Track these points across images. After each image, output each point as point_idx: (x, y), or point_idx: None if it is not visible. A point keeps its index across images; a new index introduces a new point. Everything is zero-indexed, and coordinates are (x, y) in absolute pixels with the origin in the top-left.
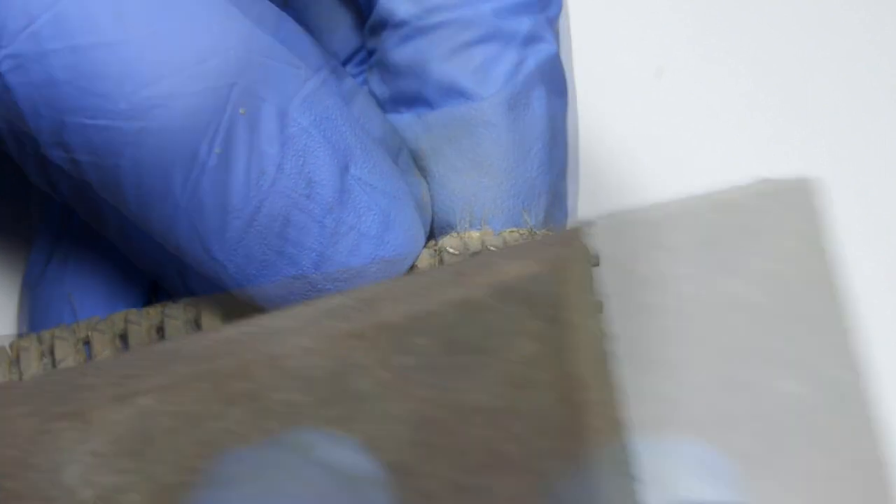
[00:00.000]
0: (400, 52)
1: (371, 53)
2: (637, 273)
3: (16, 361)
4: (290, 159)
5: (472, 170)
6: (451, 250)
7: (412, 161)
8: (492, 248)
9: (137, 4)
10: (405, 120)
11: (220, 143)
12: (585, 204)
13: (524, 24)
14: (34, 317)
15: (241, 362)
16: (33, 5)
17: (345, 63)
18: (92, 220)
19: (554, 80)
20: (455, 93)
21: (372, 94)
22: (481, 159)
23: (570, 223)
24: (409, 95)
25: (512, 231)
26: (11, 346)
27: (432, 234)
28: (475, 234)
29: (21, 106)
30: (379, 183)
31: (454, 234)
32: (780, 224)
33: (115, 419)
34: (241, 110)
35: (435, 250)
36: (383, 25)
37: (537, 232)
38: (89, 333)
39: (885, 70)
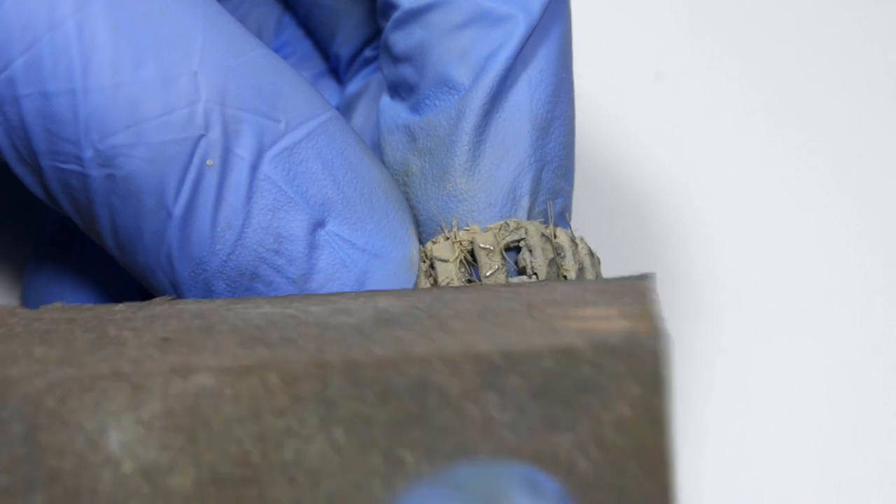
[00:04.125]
0: (396, 37)
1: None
2: (464, 411)
3: None
4: (258, 214)
5: (450, 176)
6: (440, 257)
7: (410, 216)
8: (562, 276)
9: (109, 53)
10: (402, 117)
11: (186, 194)
12: (584, 205)
13: (515, 3)
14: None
15: (315, 361)
16: (10, 49)
17: (350, 63)
18: (90, 233)
19: (544, 64)
20: (443, 84)
21: (381, 75)
22: (455, 167)
23: (635, 275)
24: (408, 84)
25: (500, 226)
26: None
27: (420, 241)
28: (463, 233)
29: (2, 148)
30: (359, 240)
31: (441, 238)
32: (620, 387)
33: (170, 392)
34: (208, 162)
35: (424, 256)
36: (385, 8)
37: (525, 223)
38: None
39: (885, 72)
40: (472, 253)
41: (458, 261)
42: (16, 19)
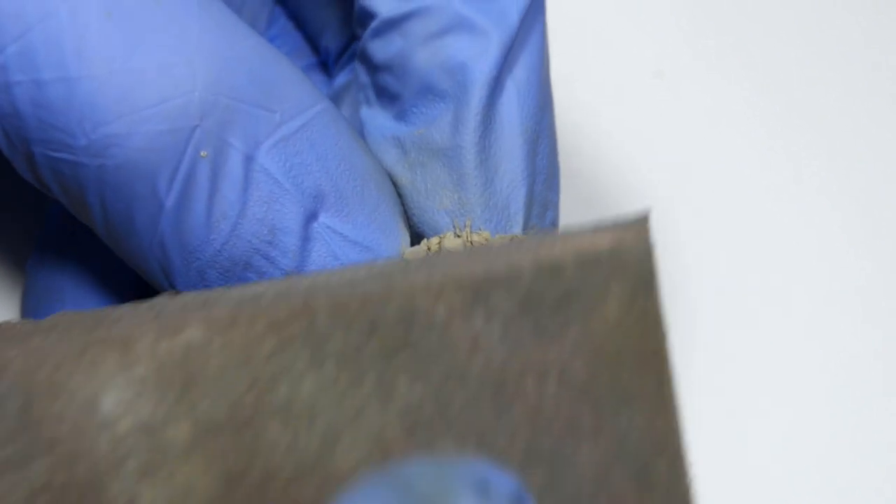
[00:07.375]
0: (375, 46)
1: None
2: (452, 332)
3: None
4: (254, 205)
5: (447, 191)
6: (451, 249)
7: (400, 209)
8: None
9: (102, 41)
10: (388, 127)
11: (180, 184)
12: (583, 206)
13: (492, 12)
14: (27, 303)
15: (300, 304)
16: (2, 36)
17: (339, 56)
18: (80, 217)
19: (528, 74)
20: (427, 92)
21: (358, 83)
22: (453, 182)
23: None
24: (390, 93)
25: (500, 237)
26: None
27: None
28: (476, 236)
29: None
30: (351, 232)
31: (451, 234)
32: (606, 291)
33: (160, 349)
34: (202, 153)
35: (428, 250)
36: (362, 17)
37: (523, 237)
38: None
39: (886, 75)
40: None
41: None
42: (7, 6)
